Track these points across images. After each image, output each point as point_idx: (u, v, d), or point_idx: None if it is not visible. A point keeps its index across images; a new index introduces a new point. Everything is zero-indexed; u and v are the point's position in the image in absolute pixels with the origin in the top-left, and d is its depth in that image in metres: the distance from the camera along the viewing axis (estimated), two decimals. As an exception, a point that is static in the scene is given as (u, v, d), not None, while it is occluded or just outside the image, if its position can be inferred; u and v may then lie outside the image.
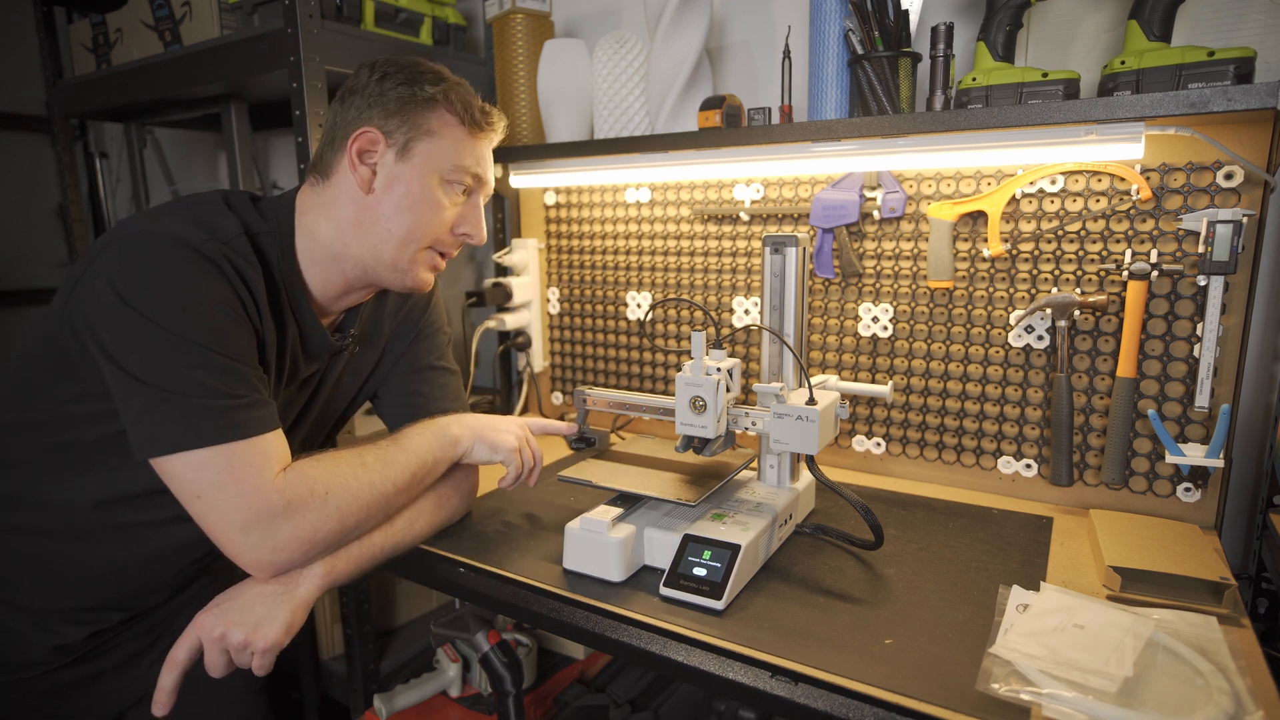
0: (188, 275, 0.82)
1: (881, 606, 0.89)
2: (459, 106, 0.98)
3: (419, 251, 1.00)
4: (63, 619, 0.96)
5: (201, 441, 0.80)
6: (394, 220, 0.97)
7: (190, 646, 0.86)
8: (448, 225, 1.01)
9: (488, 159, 1.04)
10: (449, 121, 0.98)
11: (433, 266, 1.03)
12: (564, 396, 1.78)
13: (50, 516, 0.93)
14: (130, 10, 1.70)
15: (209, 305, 0.83)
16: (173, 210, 0.89)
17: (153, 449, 0.80)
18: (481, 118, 1.00)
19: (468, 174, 1.00)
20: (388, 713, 1.35)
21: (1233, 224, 1.01)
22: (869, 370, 1.37)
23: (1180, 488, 1.13)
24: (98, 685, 1.02)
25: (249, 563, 0.85)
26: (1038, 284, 1.20)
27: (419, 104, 0.96)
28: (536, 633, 1.48)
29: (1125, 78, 1.01)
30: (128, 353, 0.80)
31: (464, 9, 1.85)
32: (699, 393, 0.96)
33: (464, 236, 1.03)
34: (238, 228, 0.91)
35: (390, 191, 0.96)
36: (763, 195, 1.42)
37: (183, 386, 0.80)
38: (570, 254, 1.70)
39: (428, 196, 0.97)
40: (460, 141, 0.99)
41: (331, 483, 0.87)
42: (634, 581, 0.95)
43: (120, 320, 0.80)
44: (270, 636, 0.87)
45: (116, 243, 0.83)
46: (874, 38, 1.15)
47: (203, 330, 0.81)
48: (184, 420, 0.79)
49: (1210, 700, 0.69)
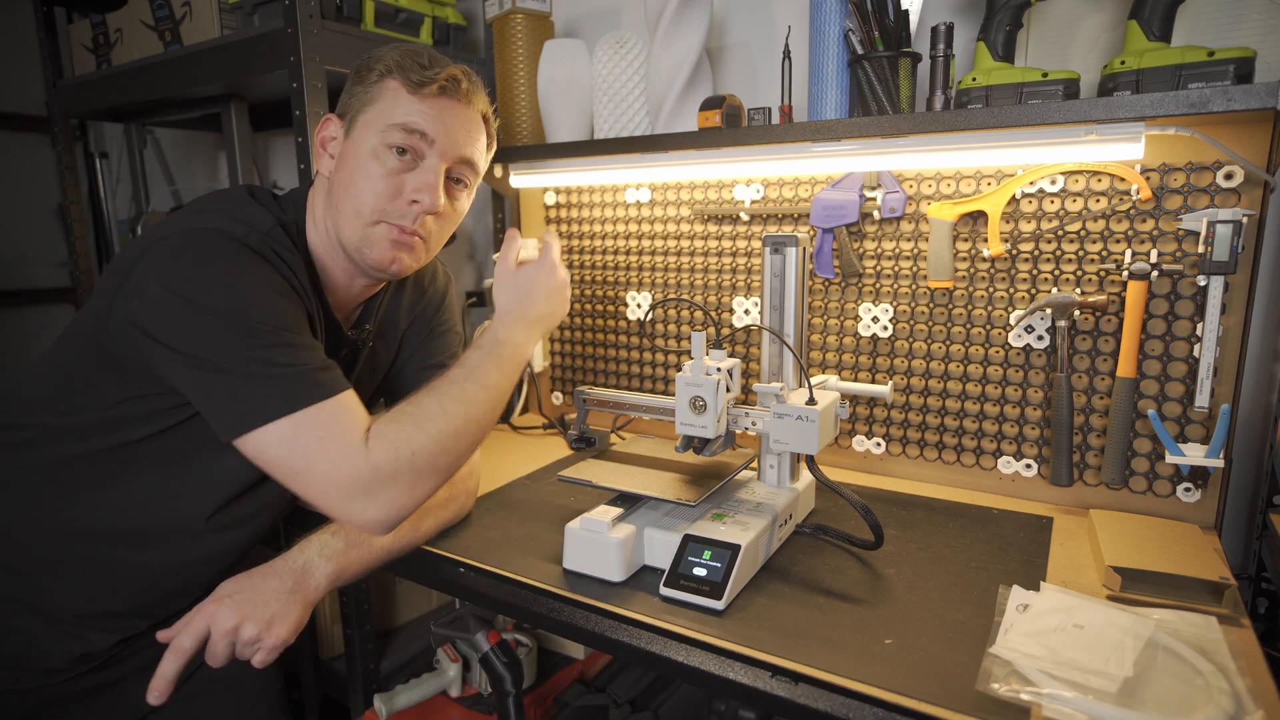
0: (237, 264, 0.84)
1: (881, 606, 0.89)
2: (399, 71, 0.94)
3: (369, 226, 0.95)
4: (92, 626, 0.96)
5: (286, 409, 0.81)
6: (344, 197, 0.95)
7: (198, 635, 0.86)
8: (390, 193, 0.94)
9: (438, 117, 0.95)
10: (388, 86, 0.95)
11: (394, 242, 0.97)
12: (564, 396, 1.78)
13: (91, 522, 0.93)
14: (130, 10, 1.70)
15: (263, 289, 0.84)
16: (206, 208, 0.91)
17: (242, 427, 0.81)
18: (421, 75, 0.94)
19: (401, 130, 0.93)
20: (388, 713, 1.34)
21: (1233, 224, 1.01)
22: (869, 370, 1.37)
23: (1180, 488, 1.13)
24: (119, 690, 1.02)
25: (362, 526, 0.87)
26: (1038, 284, 1.20)
27: (368, 79, 0.95)
28: (536, 633, 1.48)
29: (1125, 78, 1.01)
30: (196, 346, 0.81)
31: (464, 9, 1.85)
32: (699, 393, 0.96)
33: (415, 206, 0.96)
34: (271, 219, 0.92)
35: (341, 169, 0.96)
36: (763, 195, 1.42)
37: (255, 366, 0.81)
38: (570, 254, 1.70)
39: (366, 166, 0.94)
40: (397, 102, 0.94)
41: (416, 442, 0.86)
42: (634, 581, 0.95)
43: (182, 317, 0.81)
44: (282, 634, 0.88)
45: (159, 244, 0.84)
46: (874, 38, 1.15)
47: (261, 312, 0.83)
48: (265, 394, 0.81)
49: (1210, 700, 0.69)
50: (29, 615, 0.94)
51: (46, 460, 0.93)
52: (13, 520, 0.94)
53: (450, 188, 1.01)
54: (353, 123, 0.96)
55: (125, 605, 0.97)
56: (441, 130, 0.95)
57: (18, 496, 0.94)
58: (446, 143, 0.96)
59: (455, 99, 0.97)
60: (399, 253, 0.97)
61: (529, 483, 1.32)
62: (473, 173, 1.02)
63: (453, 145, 0.97)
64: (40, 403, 0.93)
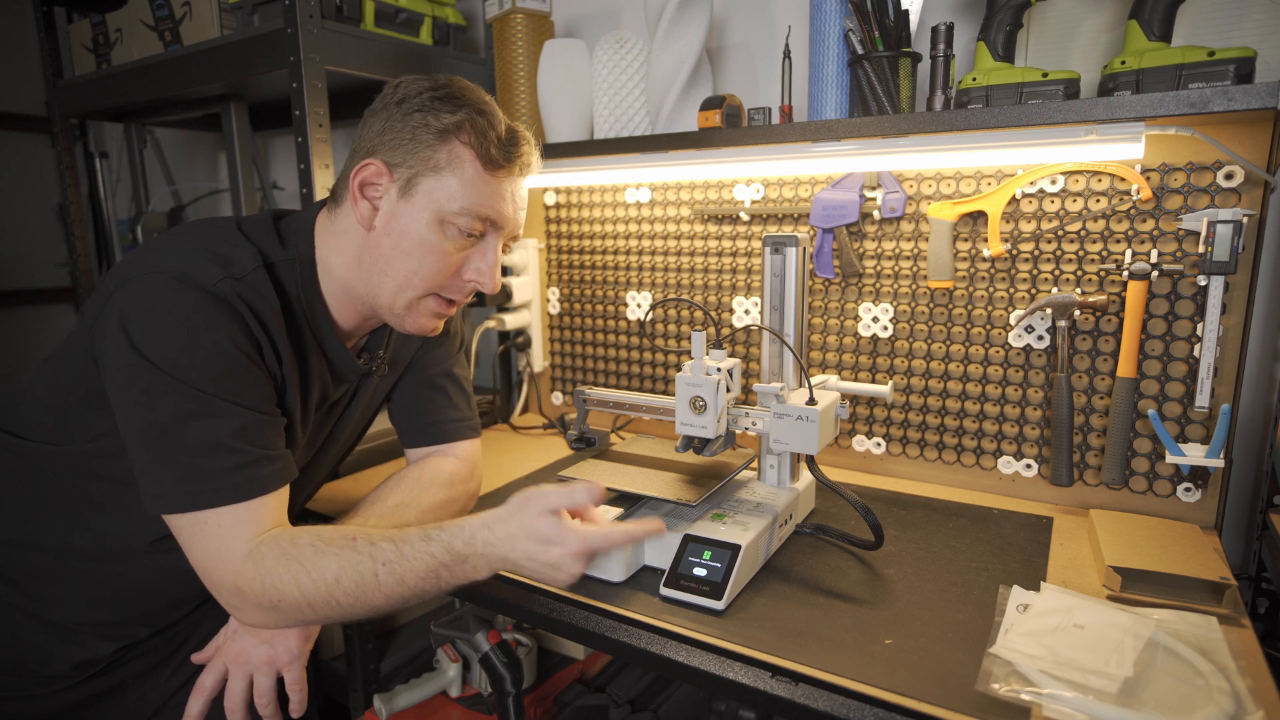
0: (198, 319, 0.80)
1: (881, 606, 0.89)
2: (474, 138, 0.87)
3: (418, 299, 0.91)
4: (93, 634, 0.96)
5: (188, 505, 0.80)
6: (391, 263, 0.90)
7: (217, 673, 0.89)
8: (451, 270, 0.91)
9: (507, 198, 0.91)
10: (460, 156, 0.87)
11: (436, 314, 0.94)
12: (564, 396, 1.78)
13: (89, 541, 0.92)
14: (130, 10, 1.70)
15: (216, 352, 0.80)
16: (188, 243, 0.86)
17: (151, 503, 0.81)
18: (500, 153, 0.88)
19: (476, 218, 0.89)
20: (388, 713, 1.34)
21: (1233, 224, 1.01)
22: (869, 370, 1.37)
23: (1180, 488, 1.13)
24: (119, 696, 1.02)
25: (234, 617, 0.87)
26: (1038, 284, 1.20)
27: (430, 134, 0.87)
28: (536, 633, 1.48)
29: (1125, 78, 1.01)
30: (133, 401, 0.80)
31: (464, 9, 1.85)
32: (699, 393, 0.96)
33: (471, 284, 0.93)
34: (255, 259, 0.87)
35: (389, 231, 0.89)
36: (763, 195, 1.42)
37: (173, 452, 0.79)
38: (570, 254, 1.70)
39: (426, 240, 0.88)
40: (471, 181, 0.88)
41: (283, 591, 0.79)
42: (634, 581, 0.95)
43: (127, 364, 0.79)
44: (292, 646, 0.88)
45: (132, 280, 0.82)
46: (874, 38, 1.15)
47: (208, 375, 0.80)
48: (174, 483, 0.79)
49: (1210, 700, 0.69)
50: (30, 623, 0.94)
51: (38, 478, 0.92)
52: (8, 532, 0.93)
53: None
54: (411, 186, 0.88)
55: (124, 614, 0.97)
56: (510, 212, 0.92)
57: (11, 509, 0.93)
58: (511, 224, 0.93)
59: (524, 175, 0.93)
60: (439, 321, 0.96)
61: (529, 483, 1.32)
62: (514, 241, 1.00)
63: (513, 224, 0.94)
64: (34, 424, 0.92)
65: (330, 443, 1.08)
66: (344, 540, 0.82)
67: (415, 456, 1.15)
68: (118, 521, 0.91)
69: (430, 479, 1.07)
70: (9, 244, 2.64)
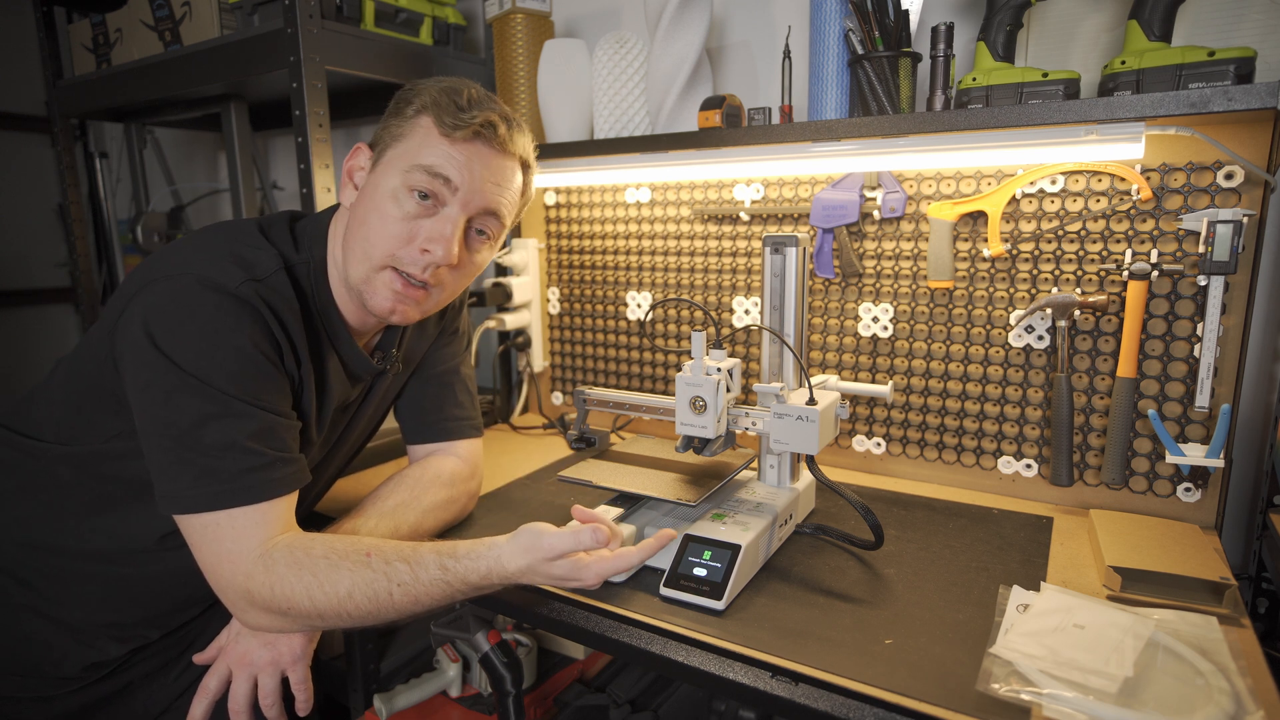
0: (220, 321, 0.81)
1: (881, 606, 0.89)
2: (433, 103, 0.88)
3: (375, 270, 0.90)
4: (105, 635, 0.96)
5: (204, 505, 0.80)
6: (354, 234, 0.91)
7: (220, 675, 0.89)
8: (403, 238, 0.88)
9: (464, 161, 0.89)
10: (419, 124, 0.89)
11: (396, 293, 0.90)
12: (564, 396, 1.78)
13: (102, 542, 0.93)
14: (130, 10, 1.70)
15: (237, 354, 0.81)
16: (211, 245, 0.87)
17: (165, 505, 0.81)
18: (453, 118, 0.87)
19: (425, 173, 0.87)
20: (388, 713, 1.34)
21: (1233, 224, 1.01)
22: (869, 370, 1.37)
23: (1180, 488, 1.13)
24: (128, 697, 1.02)
25: (238, 619, 0.87)
26: (1038, 284, 1.20)
27: (404, 109, 0.90)
28: (536, 633, 1.48)
29: (1125, 78, 1.01)
30: (153, 401, 0.80)
31: (464, 9, 1.85)
32: (699, 393, 0.96)
33: (426, 256, 0.89)
34: (276, 261, 0.88)
35: (361, 201, 0.91)
36: (763, 195, 1.42)
37: (192, 452, 0.80)
38: (570, 254, 1.70)
39: (384, 205, 0.88)
40: (425, 141, 0.88)
41: (294, 599, 0.80)
42: (634, 581, 0.95)
43: (149, 365, 0.80)
44: (295, 646, 0.89)
45: (155, 282, 0.82)
46: (874, 38, 1.15)
47: (229, 377, 0.80)
48: (191, 484, 0.80)
49: (1210, 700, 0.69)
50: (43, 624, 0.94)
51: (52, 481, 0.93)
52: (21, 534, 0.94)
53: (471, 238, 0.93)
54: (380, 157, 0.91)
55: (135, 616, 0.97)
56: (468, 177, 0.89)
57: (25, 511, 0.94)
58: (471, 191, 0.89)
59: (490, 145, 0.90)
60: (400, 305, 0.92)
61: (529, 483, 1.32)
62: (497, 224, 0.95)
63: (477, 194, 0.90)
64: (48, 425, 0.93)
65: (342, 442, 1.08)
66: (358, 555, 0.83)
67: (417, 453, 1.15)
68: (130, 523, 0.92)
69: (431, 478, 1.07)
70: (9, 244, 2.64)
